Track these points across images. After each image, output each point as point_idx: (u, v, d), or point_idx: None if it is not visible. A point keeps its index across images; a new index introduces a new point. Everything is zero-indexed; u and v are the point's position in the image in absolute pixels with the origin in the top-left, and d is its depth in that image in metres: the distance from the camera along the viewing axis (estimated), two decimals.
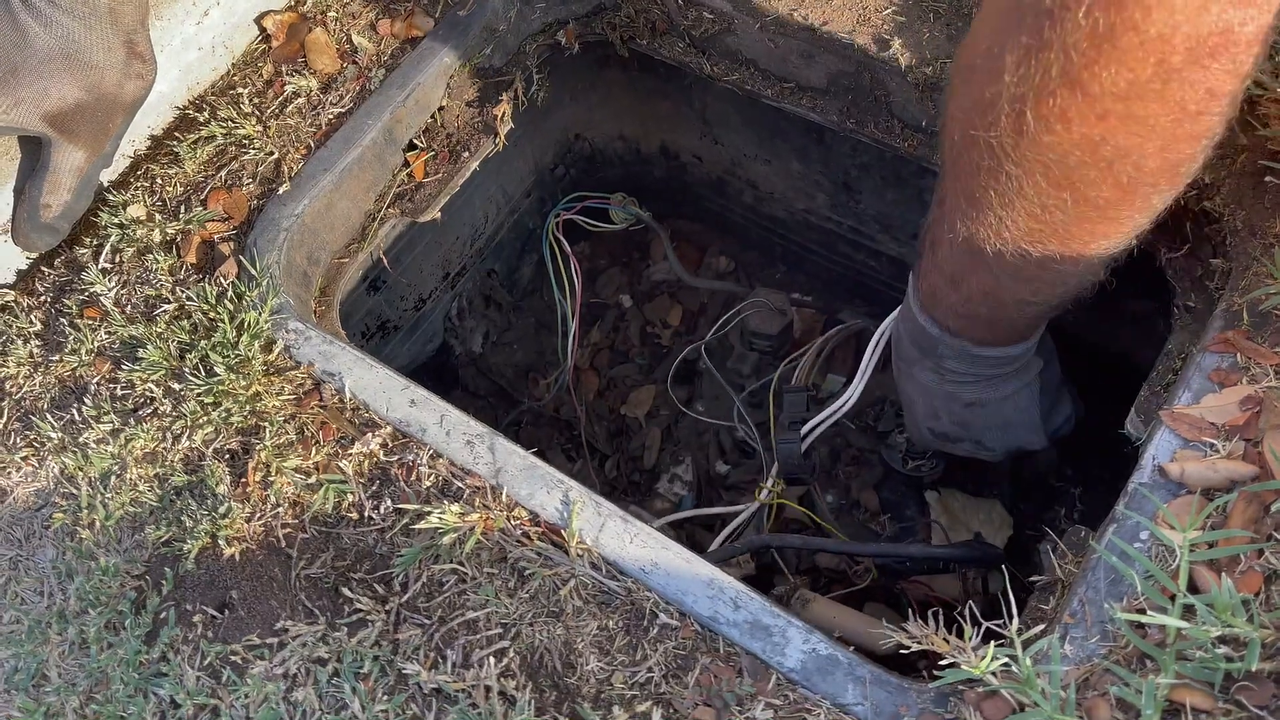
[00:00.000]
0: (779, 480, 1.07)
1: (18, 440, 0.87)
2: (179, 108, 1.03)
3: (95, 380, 0.88)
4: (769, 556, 1.09)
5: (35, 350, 0.91)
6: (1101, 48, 0.52)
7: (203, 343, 0.86)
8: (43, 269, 0.96)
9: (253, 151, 0.98)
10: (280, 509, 0.78)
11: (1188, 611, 0.59)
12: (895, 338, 0.89)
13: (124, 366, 0.87)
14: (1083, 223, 0.62)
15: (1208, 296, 0.79)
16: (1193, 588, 0.61)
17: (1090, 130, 0.56)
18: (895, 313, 0.90)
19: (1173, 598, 0.59)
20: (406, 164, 1.01)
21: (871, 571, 1.05)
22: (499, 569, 0.73)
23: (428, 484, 0.77)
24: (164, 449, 0.83)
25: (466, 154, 1.04)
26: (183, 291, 0.90)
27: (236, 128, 0.99)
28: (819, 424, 1.02)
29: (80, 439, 0.85)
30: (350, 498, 0.78)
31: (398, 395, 0.81)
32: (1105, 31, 0.52)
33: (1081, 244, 0.64)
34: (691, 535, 1.18)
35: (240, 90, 1.02)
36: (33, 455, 0.86)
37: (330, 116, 0.99)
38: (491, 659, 0.70)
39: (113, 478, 0.83)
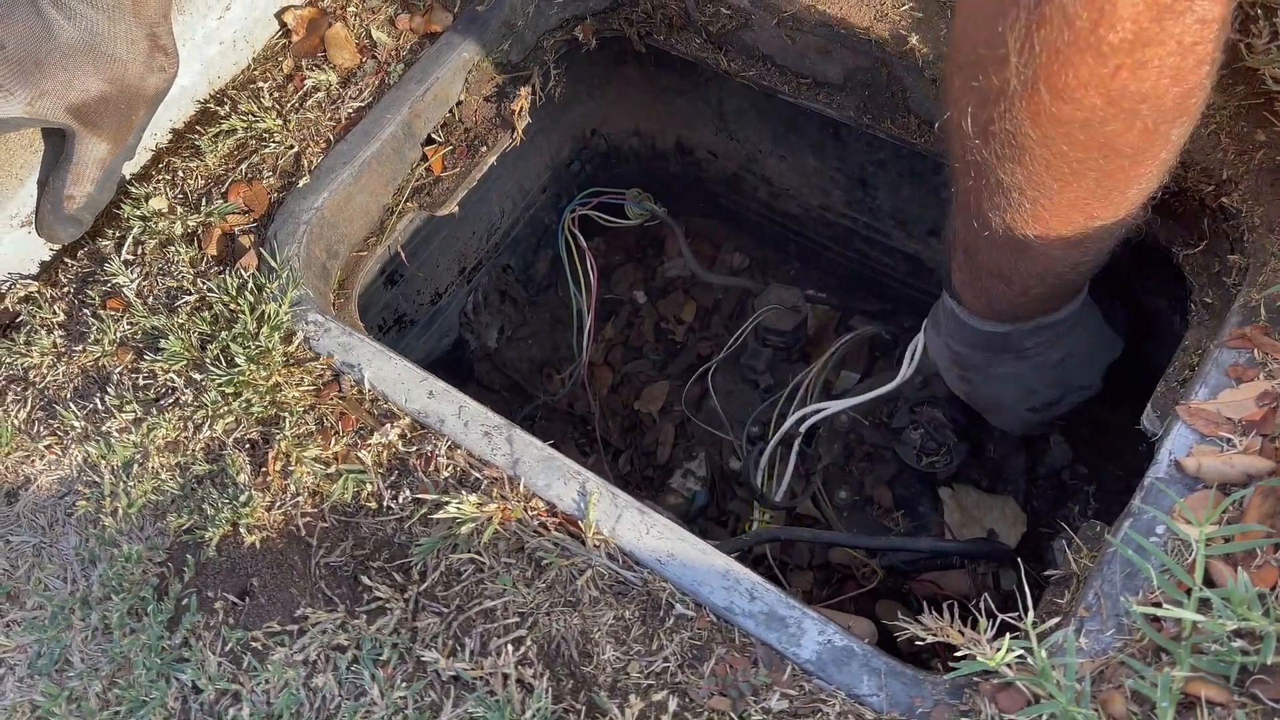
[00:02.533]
0: (765, 510, 1.09)
1: (41, 429, 0.88)
2: (200, 101, 1.04)
3: (118, 370, 0.89)
4: (773, 570, 1.10)
5: (59, 340, 0.92)
6: (1102, 7, 0.53)
7: (223, 334, 0.87)
8: (66, 260, 0.97)
9: (273, 145, 0.99)
10: (300, 498, 0.79)
11: (1204, 605, 0.59)
12: (950, 361, 0.88)
13: (146, 357, 0.88)
14: (1116, 174, 0.64)
15: (1225, 293, 0.78)
16: (1209, 582, 0.61)
17: (1108, 87, 0.57)
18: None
19: (1189, 591, 0.60)
20: (424, 158, 1.02)
21: (878, 573, 1.05)
22: (516, 559, 0.74)
23: (446, 474, 0.78)
24: (185, 438, 0.84)
25: (484, 149, 1.04)
26: (204, 283, 0.90)
27: (257, 121, 1.00)
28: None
29: (103, 428, 0.86)
30: (369, 487, 0.79)
31: (416, 387, 0.82)
32: None
33: (1120, 193, 0.66)
34: (703, 531, 1.18)
35: (261, 84, 1.03)
36: (56, 444, 0.87)
37: (349, 111, 1.00)
38: (509, 647, 0.70)
39: (135, 466, 0.84)
